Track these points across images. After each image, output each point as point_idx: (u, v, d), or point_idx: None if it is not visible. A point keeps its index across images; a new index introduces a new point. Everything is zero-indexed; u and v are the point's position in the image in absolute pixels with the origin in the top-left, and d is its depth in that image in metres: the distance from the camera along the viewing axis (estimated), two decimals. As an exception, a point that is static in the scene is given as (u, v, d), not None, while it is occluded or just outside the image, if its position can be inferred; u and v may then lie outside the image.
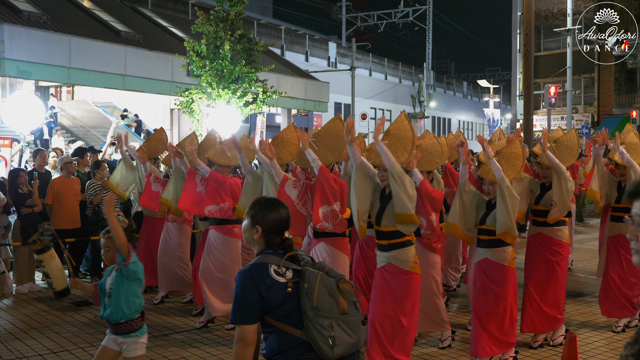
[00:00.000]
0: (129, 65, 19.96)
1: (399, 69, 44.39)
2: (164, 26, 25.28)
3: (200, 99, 15.66)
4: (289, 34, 34.79)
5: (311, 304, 2.50)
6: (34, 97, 18.18)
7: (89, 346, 5.48)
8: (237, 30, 15.31)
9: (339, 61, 37.20)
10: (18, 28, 17.31)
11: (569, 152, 5.65)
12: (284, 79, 24.51)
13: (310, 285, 2.52)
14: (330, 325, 2.50)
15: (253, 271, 2.57)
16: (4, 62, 16.77)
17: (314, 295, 2.50)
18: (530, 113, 15.59)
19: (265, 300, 2.52)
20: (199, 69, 15.13)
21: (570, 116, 27.18)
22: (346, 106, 34.34)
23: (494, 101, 38.71)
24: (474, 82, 51.65)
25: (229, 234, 6.12)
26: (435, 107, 44.20)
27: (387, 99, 40.20)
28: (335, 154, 5.66)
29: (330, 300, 2.53)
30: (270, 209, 2.68)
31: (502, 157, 5.04)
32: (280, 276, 2.55)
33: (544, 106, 29.18)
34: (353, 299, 2.60)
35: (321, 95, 27.71)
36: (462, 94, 53.52)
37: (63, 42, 18.23)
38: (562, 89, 27.56)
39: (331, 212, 4.98)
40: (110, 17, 22.75)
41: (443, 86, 50.17)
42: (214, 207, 6.01)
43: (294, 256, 2.63)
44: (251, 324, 2.54)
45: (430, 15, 47.38)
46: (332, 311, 2.52)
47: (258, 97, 15.84)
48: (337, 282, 2.58)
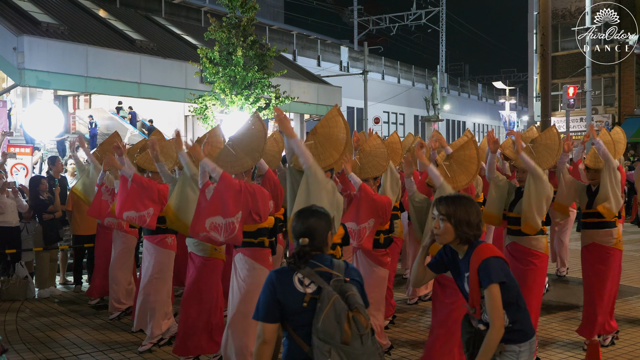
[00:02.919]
0: (143, 73, 20.29)
1: (412, 72, 44.33)
2: (178, 34, 25.62)
3: (214, 106, 15.87)
4: (301, 39, 34.99)
5: (317, 326, 2.47)
6: (53, 106, 18.58)
7: (108, 349, 5.65)
8: (249, 36, 15.50)
9: (351, 65, 37.31)
10: (37, 39, 17.71)
11: (549, 152, 5.17)
12: (296, 84, 24.70)
13: (322, 306, 2.47)
14: (329, 352, 2.44)
15: (277, 275, 2.60)
16: (24, 73, 17.16)
17: (321, 317, 2.46)
18: (548, 115, 15.46)
19: (282, 305, 2.54)
20: (212, 75, 15.33)
21: (589, 117, 26.72)
22: (359, 110, 34.43)
23: (510, 103, 38.52)
24: (489, 84, 51.40)
25: (161, 244, 5.61)
26: (450, 110, 44.06)
27: (400, 103, 40.18)
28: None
29: (335, 326, 2.45)
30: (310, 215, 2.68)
31: (454, 161, 4.64)
32: (302, 286, 2.54)
33: (562, 107, 28.80)
34: (361, 332, 2.48)
35: (333, 99, 27.82)
36: (477, 96, 53.28)
37: (80, 52, 18.61)
38: (581, 90, 27.15)
39: (226, 225, 4.39)
40: (125, 26, 23.13)
41: (457, 89, 50.00)
42: (133, 214, 5.50)
43: (327, 274, 2.56)
44: (269, 323, 2.55)
45: (444, 16, 47.29)
46: (334, 338, 2.45)
47: (271, 103, 16.02)
48: (350, 309, 2.49)
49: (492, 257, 2.85)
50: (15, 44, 17.17)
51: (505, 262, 2.90)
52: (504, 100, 39.29)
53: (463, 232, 2.88)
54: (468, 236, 2.89)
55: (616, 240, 5.54)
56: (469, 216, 2.87)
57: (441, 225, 2.91)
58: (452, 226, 2.88)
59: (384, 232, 5.16)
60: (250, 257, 4.60)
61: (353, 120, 36.64)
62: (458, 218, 2.87)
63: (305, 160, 4.06)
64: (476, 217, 2.90)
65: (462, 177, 4.47)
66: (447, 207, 2.90)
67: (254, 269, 4.59)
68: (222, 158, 4.59)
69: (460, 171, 4.51)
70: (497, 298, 2.78)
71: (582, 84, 27.50)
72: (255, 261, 4.60)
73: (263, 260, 4.65)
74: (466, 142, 4.87)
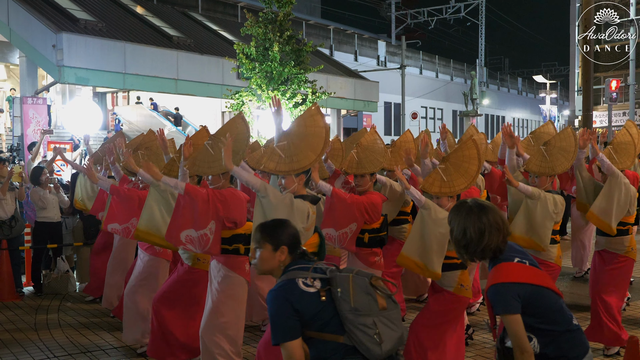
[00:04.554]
0: (181, 70, 20.39)
1: (451, 66, 43.64)
2: (214, 30, 25.69)
3: (251, 101, 15.80)
4: (338, 34, 34.75)
5: (349, 306, 2.49)
6: (92, 102, 18.87)
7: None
8: (286, 31, 15.36)
9: (388, 60, 36.91)
10: (75, 36, 17.92)
11: (564, 155, 4.78)
12: (333, 79, 24.48)
13: (344, 289, 2.51)
14: (374, 323, 2.49)
15: (282, 288, 2.56)
16: (63, 70, 17.41)
17: (350, 296, 2.49)
18: (589, 109, 14.96)
19: (300, 314, 2.50)
20: (248, 71, 15.26)
21: (633, 111, 26.03)
22: (396, 105, 34.02)
23: (551, 97, 37.60)
24: (530, 78, 50.33)
25: (149, 250, 5.22)
26: (489, 105, 43.25)
27: (439, 98, 39.60)
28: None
29: (368, 298, 2.52)
30: (282, 226, 2.73)
31: (451, 163, 4.33)
32: (310, 287, 2.55)
33: (604, 101, 28.06)
34: (388, 293, 2.59)
35: (371, 95, 27.54)
36: (516, 91, 52.19)
37: (118, 49, 18.78)
38: (624, 83, 26.42)
39: (199, 237, 4.22)
40: (162, 22, 23.29)
41: (497, 83, 49.05)
42: (117, 226, 5.31)
43: (319, 267, 2.63)
44: (295, 339, 2.49)
45: (483, 9, 46.43)
46: (371, 309, 2.51)
47: (307, 98, 15.86)
48: (369, 280, 2.58)
49: (502, 283, 2.53)
50: (54, 41, 17.41)
51: (522, 286, 2.53)
52: (545, 95, 38.38)
53: (459, 253, 2.70)
54: (463, 258, 2.70)
55: (628, 248, 5.20)
56: (459, 235, 2.64)
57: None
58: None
59: (369, 231, 4.94)
60: (224, 264, 4.34)
61: (391, 116, 36.25)
62: (454, 238, 2.68)
63: (253, 185, 3.89)
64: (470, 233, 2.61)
65: (460, 180, 4.14)
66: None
67: (228, 277, 4.33)
68: (200, 158, 4.36)
69: (458, 174, 4.17)
70: (512, 327, 2.49)
71: (625, 77, 26.67)
72: (229, 269, 4.34)
73: (239, 268, 4.39)
74: (465, 141, 4.54)
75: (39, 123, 15.88)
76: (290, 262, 2.68)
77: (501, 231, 2.60)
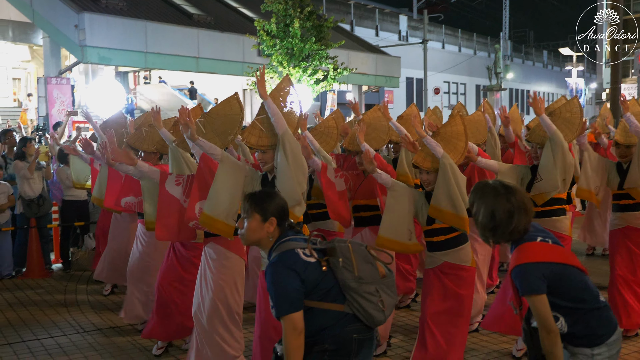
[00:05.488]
0: (201, 48, 20.38)
1: (474, 40, 42.90)
2: (234, 7, 25.56)
3: (272, 79, 15.76)
4: (359, 9, 34.33)
5: (353, 275, 2.54)
6: (115, 82, 19.01)
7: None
8: (307, 7, 15.22)
9: (410, 35, 36.39)
10: (97, 16, 18.01)
11: (568, 127, 4.64)
12: (354, 55, 24.26)
13: (346, 258, 2.56)
14: (377, 291, 2.57)
15: (285, 259, 2.54)
16: (86, 50, 17.55)
17: (354, 265, 2.55)
18: (617, 81, 14.62)
19: (305, 283, 2.51)
20: (269, 48, 15.20)
21: (662, 84, 25.35)
22: (418, 81, 33.64)
23: (578, 70, 36.76)
24: (555, 51, 49.18)
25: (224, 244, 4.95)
26: (513, 79, 42.50)
27: (462, 72, 39.02)
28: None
29: (369, 266, 2.59)
30: (272, 197, 2.72)
31: (440, 138, 4.26)
32: (309, 257, 2.57)
33: (633, 74, 27.35)
34: (387, 262, 2.69)
35: (392, 70, 27.25)
36: (542, 64, 51.18)
37: (139, 28, 18.83)
38: (654, 54, 25.69)
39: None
40: (183, 0, 23.24)
41: (521, 56, 48.15)
42: (132, 199, 5.18)
43: (310, 240, 2.65)
44: (298, 311, 2.50)
45: (507, -19, 45.39)
46: (374, 277, 2.59)
47: (329, 75, 15.76)
48: (366, 249, 2.65)
49: (526, 264, 2.47)
50: (76, 21, 17.52)
51: (547, 265, 2.48)
52: (571, 68, 37.52)
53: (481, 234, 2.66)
54: (487, 241, 2.66)
55: None
56: (486, 217, 2.57)
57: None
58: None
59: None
60: (222, 245, 4.12)
61: (412, 91, 35.87)
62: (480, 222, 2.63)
63: (213, 153, 3.83)
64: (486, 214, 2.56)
65: (450, 155, 4.10)
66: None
67: (226, 258, 4.12)
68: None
69: (447, 149, 4.13)
70: (537, 307, 2.45)
71: (657, 48, 25.88)
72: (227, 249, 4.12)
73: (237, 248, 4.17)
74: (452, 118, 4.47)
75: (63, 103, 16.08)
76: (280, 233, 2.68)
77: (528, 212, 2.55)
